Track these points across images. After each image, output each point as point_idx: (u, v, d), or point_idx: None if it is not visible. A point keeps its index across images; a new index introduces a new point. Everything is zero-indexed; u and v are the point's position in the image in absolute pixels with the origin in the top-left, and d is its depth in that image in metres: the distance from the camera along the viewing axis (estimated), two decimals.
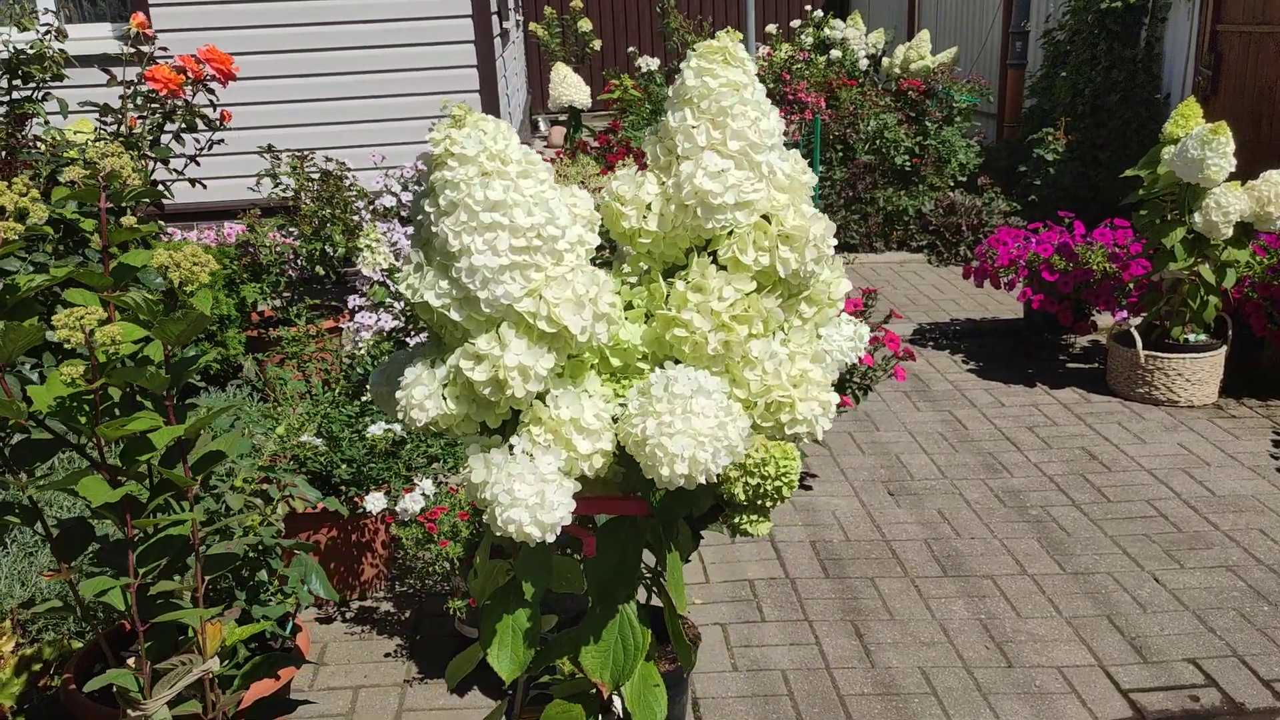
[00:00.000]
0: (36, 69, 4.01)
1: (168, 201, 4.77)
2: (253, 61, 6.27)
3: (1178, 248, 4.47)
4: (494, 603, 1.49)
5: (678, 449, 1.22)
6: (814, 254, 1.30)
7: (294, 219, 4.58)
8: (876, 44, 10.67)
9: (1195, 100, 4.56)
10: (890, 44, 10.82)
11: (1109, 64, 7.51)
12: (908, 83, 8.19)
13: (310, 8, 6.28)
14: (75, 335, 1.46)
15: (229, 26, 6.23)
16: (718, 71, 1.30)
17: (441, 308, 1.24)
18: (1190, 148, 4.28)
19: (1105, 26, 7.53)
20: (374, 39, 6.36)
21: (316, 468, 2.97)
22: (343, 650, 3.08)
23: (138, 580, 1.70)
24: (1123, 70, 7.47)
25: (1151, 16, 7.48)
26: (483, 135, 1.21)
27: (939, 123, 8.05)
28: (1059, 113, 7.82)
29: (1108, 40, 7.53)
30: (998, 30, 10.02)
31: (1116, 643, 3.04)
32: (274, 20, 6.27)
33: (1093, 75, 7.59)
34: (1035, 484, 4.03)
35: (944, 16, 11.58)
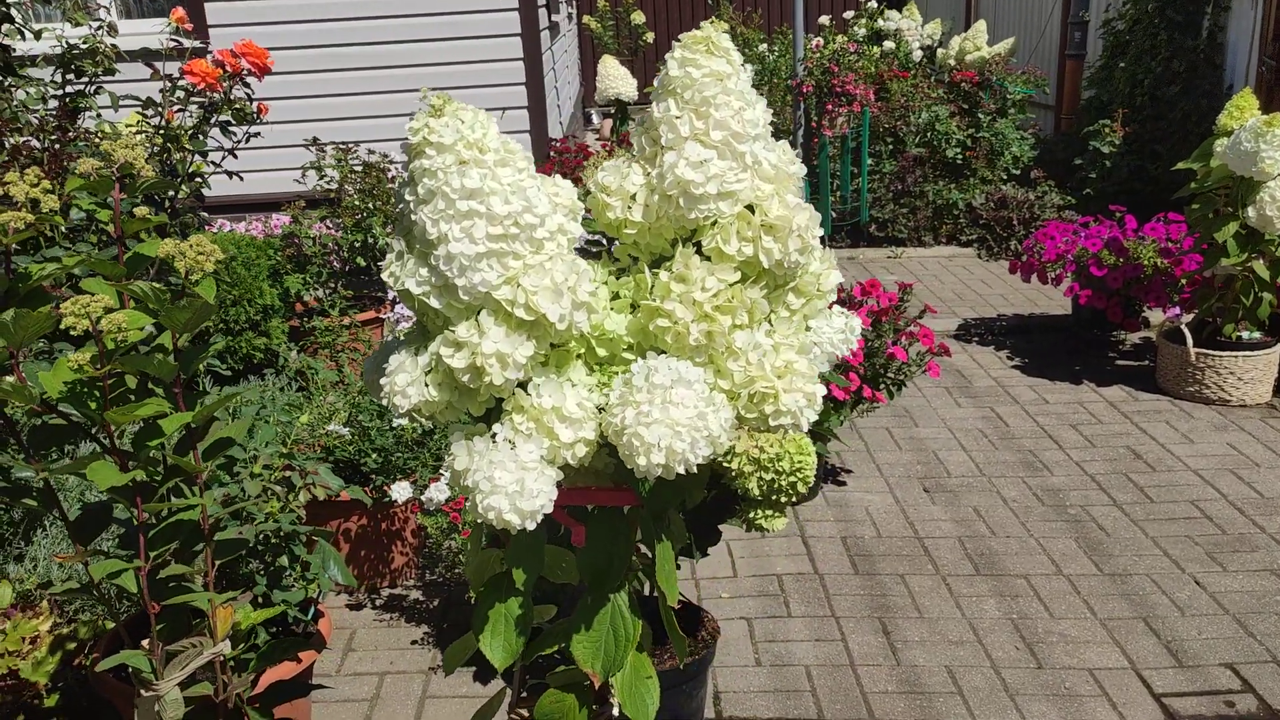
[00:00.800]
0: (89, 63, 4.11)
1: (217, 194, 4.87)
2: (300, 56, 6.38)
3: (1230, 243, 4.35)
4: (487, 590, 1.50)
5: (654, 438, 1.22)
6: (798, 244, 1.29)
7: (336, 211, 4.64)
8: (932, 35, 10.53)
9: (1251, 91, 4.43)
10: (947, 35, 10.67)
11: (1169, 54, 7.33)
12: (961, 74, 8.07)
13: (357, 2, 6.36)
14: (81, 323, 1.50)
15: (278, 21, 6.34)
16: (701, 61, 1.29)
17: (421, 295, 1.25)
18: (1244, 140, 4.16)
19: (1166, 16, 7.35)
20: (419, 33, 6.43)
21: (345, 456, 3.01)
22: (371, 636, 3.12)
23: (149, 564, 1.73)
24: (1184, 61, 7.28)
25: (1214, 5, 7.28)
26: (460, 124, 1.22)
27: (992, 115, 7.92)
28: (1117, 104, 7.65)
29: (1168, 30, 7.35)
30: (1057, 20, 9.83)
31: (1151, 645, 2.97)
32: (321, 15, 6.36)
33: (1152, 66, 7.41)
34: (1076, 483, 3.95)
35: (1002, 6, 11.39)
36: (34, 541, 2.89)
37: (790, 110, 7.63)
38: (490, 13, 6.47)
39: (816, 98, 7.13)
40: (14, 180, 1.57)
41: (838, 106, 6.92)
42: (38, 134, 3.30)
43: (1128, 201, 6.87)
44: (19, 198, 1.56)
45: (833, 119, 6.87)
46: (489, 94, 6.59)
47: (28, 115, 3.65)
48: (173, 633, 1.85)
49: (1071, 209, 7.30)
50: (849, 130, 7.02)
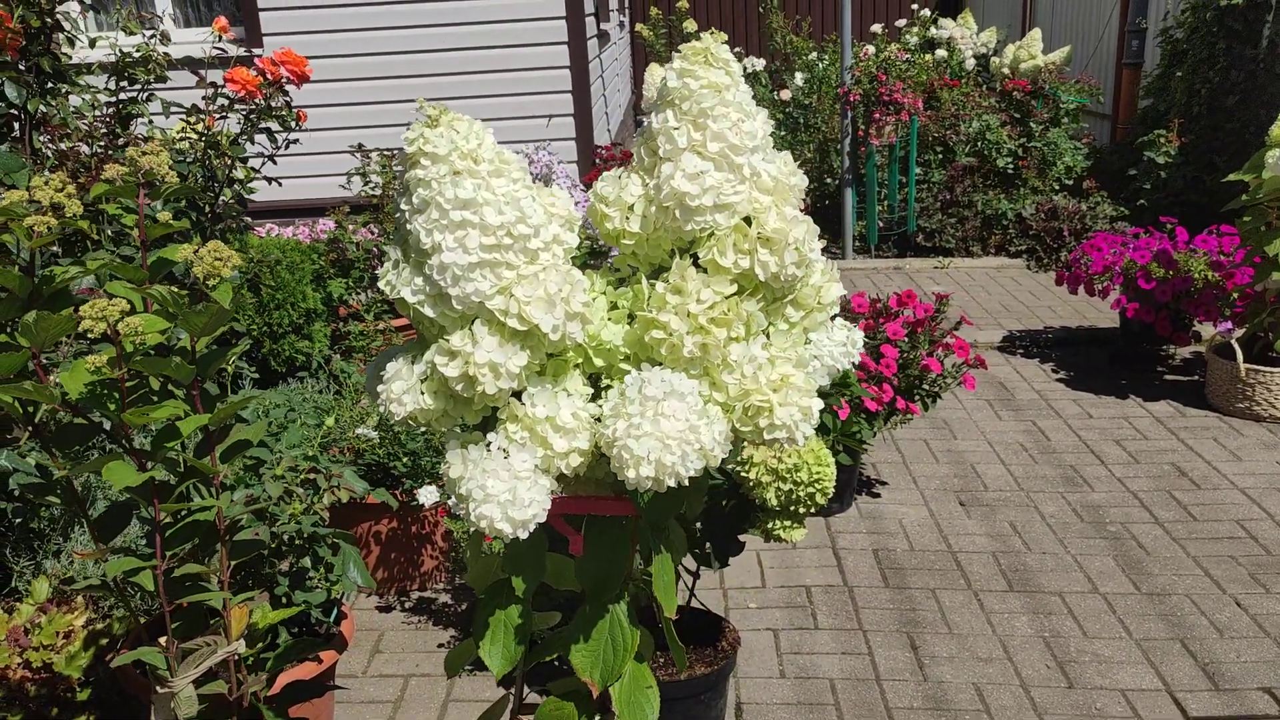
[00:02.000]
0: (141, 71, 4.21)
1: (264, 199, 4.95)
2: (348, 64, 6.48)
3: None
4: (488, 597, 1.51)
5: (643, 451, 1.22)
6: (794, 257, 1.28)
7: (380, 216, 4.70)
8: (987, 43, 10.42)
9: None
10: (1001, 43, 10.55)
11: (1228, 63, 7.18)
12: (1012, 83, 7.97)
13: (405, 10, 6.44)
14: (99, 326, 1.53)
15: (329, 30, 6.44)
16: (699, 73, 1.29)
17: (416, 304, 1.26)
18: None
19: (1225, 24, 7.20)
20: (466, 40, 6.49)
21: (375, 459, 3.05)
22: (398, 639, 3.15)
23: (165, 563, 1.77)
24: (1242, 70, 7.13)
25: (1275, 14, 7.12)
26: (455, 134, 1.23)
27: (1045, 124, 7.81)
28: (1173, 114, 7.51)
29: (1227, 39, 7.20)
30: (1114, 28, 9.67)
31: (1187, 668, 2.91)
32: (370, 24, 6.46)
33: (1210, 75, 7.27)
34: (1117, 499, 3.88)
35: (1059, 15, 11.23)
36: (72, 538, 2.96)
37: (839, 119, 7.58)
38: (537, 21, 6.51)
39: (864, 106, 7.08)
40: (39, 184, 1.62)
41: (885, 115, 6.87)
42: (87, 140, 3.38)
43: (1182, 213, 6.74)
44: (44, 201, 1.61)
45: (880, 128, 6.82)
46: (535, 101, 6.64)
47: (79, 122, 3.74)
48: (189, 631, 1.88)
49: (1124, 220, 7.17)
50: (897, 139, 6.96)
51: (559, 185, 5.87)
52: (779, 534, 2.28)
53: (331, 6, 6.49)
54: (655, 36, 12.78)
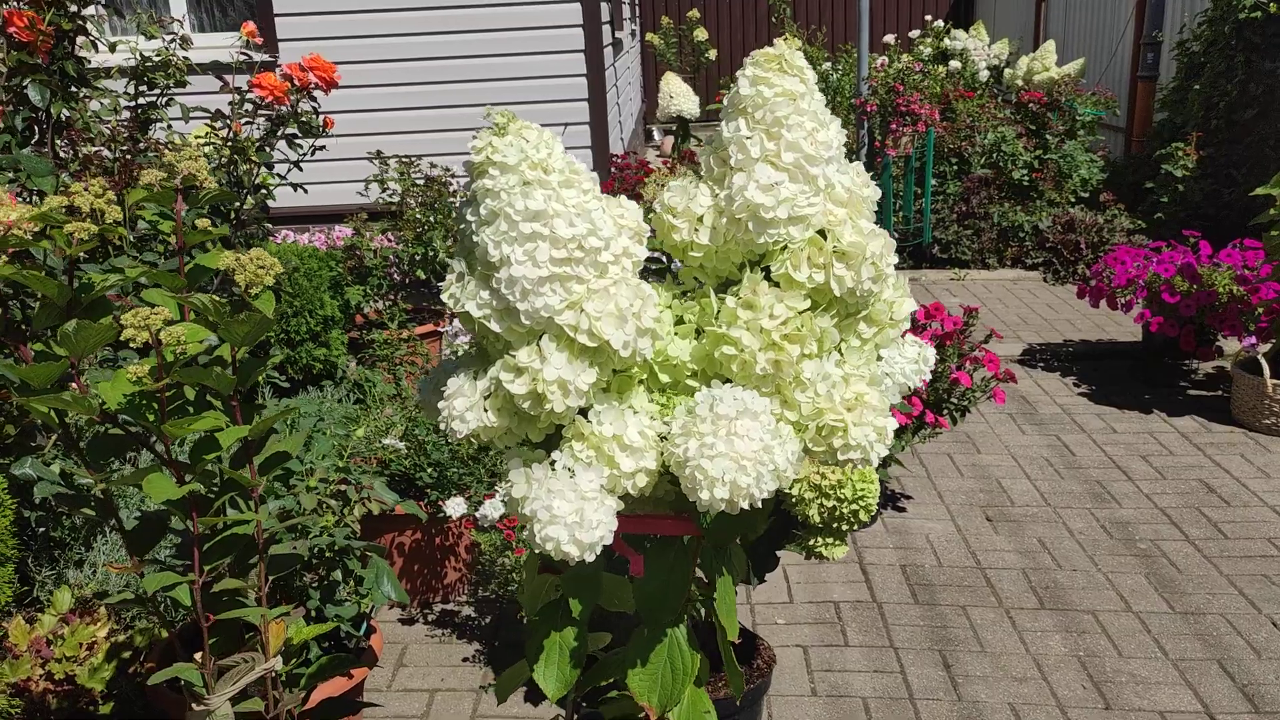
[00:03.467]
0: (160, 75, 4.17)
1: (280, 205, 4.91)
2: (364, 70, 6.45)
3: None
4: (542, 619, 1.46)
5: (718, 472, 1.18)
6: (871, 272, 1.24)
7: (398, 224, 4.67)
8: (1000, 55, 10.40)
9: None
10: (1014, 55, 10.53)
11: (1246, 76, 7.14)
12: (1028, 95, 7.94)
13: (421, 17, 6.41)
14: (141, 335, 1.49)
15: (345, 36, 6.41)
16: (773, 80, 1.25)
17: (481, 318, 1.22)
18: None
19: (1243, 37, 7.16)
20: (483, 48, 6.46)
21: (400, 470, 3.00)
22: (422, 652, 3.10)
23: (203, 577, 1.73)
24: (1261, 84, 7.09)
25: None
26: (524, 144, 1.19)
27: (1060, 136, 7.77)
28: (1190, 127, 7.47)
29: (1245, 52, 7.16)
30: (1128, 41, 9.65)
31: (1226, 689, 2.86)
32: (387, 30, 6.43)
33: (1228, 88, 7.23)
34: (1146, 516, 3.83)
35: (1072, 27, 11.21)
36: (94, 548, 2.92)
37: (854, 129, 7.55)
38: (554, 29, 6.49)
39: (880, 117, 7.05)
40: (79, 190, 1.58)
41: (902, 126, 6.83)
42: (109, 144, 3.35)
43: (1200, 226, 6.69)
44: (83, 208, 1.57)
45: (896, 139, 6.78)
46: (551, 109, 6.61)
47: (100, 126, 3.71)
48: (225, 646, 1.84)
49: (1141, 233, 7.14)
50: (913, 150, 6.93)
51: None
52: (820, 551, 2.23)
53: (348, 12, 6.46)
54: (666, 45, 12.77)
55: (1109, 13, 10.26)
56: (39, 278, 1.51)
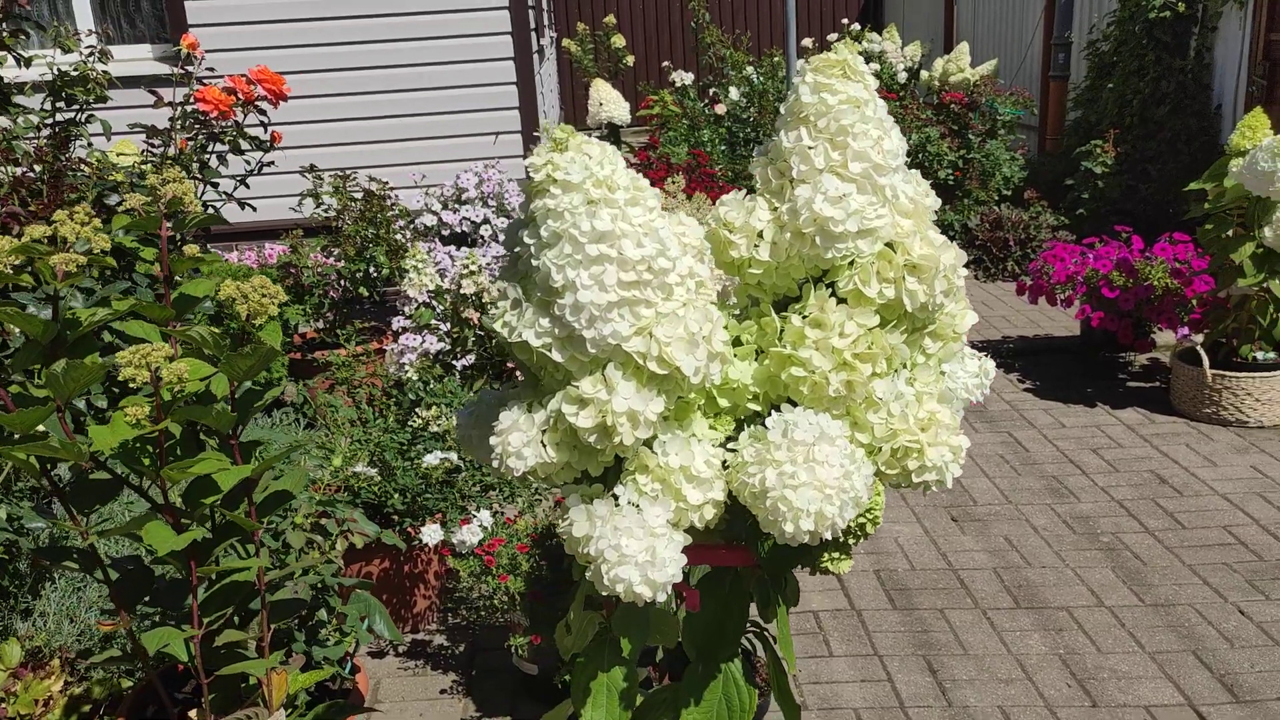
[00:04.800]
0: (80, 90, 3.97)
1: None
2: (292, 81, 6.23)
3: (1247, 264, 4.32)
4: (587, 659, 1.39)
5: (803, 503, 1.11)
6: (944, 285, 1.20)
7: (337, 239, 4.51)
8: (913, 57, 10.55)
9: (1262, 110, 4.41)
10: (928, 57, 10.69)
11: (1158, 75, 7.34)
12: (950, 96, 8.06)
13: (350, 26, 6.24)
14: (141, 374, 1.37)
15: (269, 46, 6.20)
16: (837, 87, 1.19)
17: (542, 348, 1.14)
18: (1260, 160, 4.13)
19: (1154, 37, 7.37)
20: (414, 57, 6.32)
21: (369, 498, 2.88)
22: (397, 687, 2.98)
23: (203, 629, 1.60)
24: (1172, 81, 7.30)
25: (1201, 26, 7.32)
26: (588, 160, 1.11)
27: (982, 136, 7.91)
28: (1105, 125, 7.66)
29: (1156, 50, 7.37)
30: (1038, 42, 9.87)
31: (1205, 680, 2.89)
32: (313, 40, 6.23)
33: (1140, 86, 7.43)
34: (1104, 509, 3.88)
35: (982, 28, 11.44)
36: (42, 595, 2.74)
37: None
38: (484, 36, 6.37)
39: None
40: (62, 219, 1.45)
41: None
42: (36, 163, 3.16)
43: (1120, 221, 6.86)
44: (69, 238, 1.44)
45: None
46: (483, 118, 6.50)
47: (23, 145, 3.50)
48: (224, 703, 1.71)
49: (1065, 229, 7.29)
50: None
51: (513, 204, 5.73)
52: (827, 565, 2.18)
53: (265, 23, 6.25)
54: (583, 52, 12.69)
55: (1017, 14, 10.50)
56: (22, 315, 1.38)
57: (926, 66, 10.12)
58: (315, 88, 6.27)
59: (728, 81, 9.79)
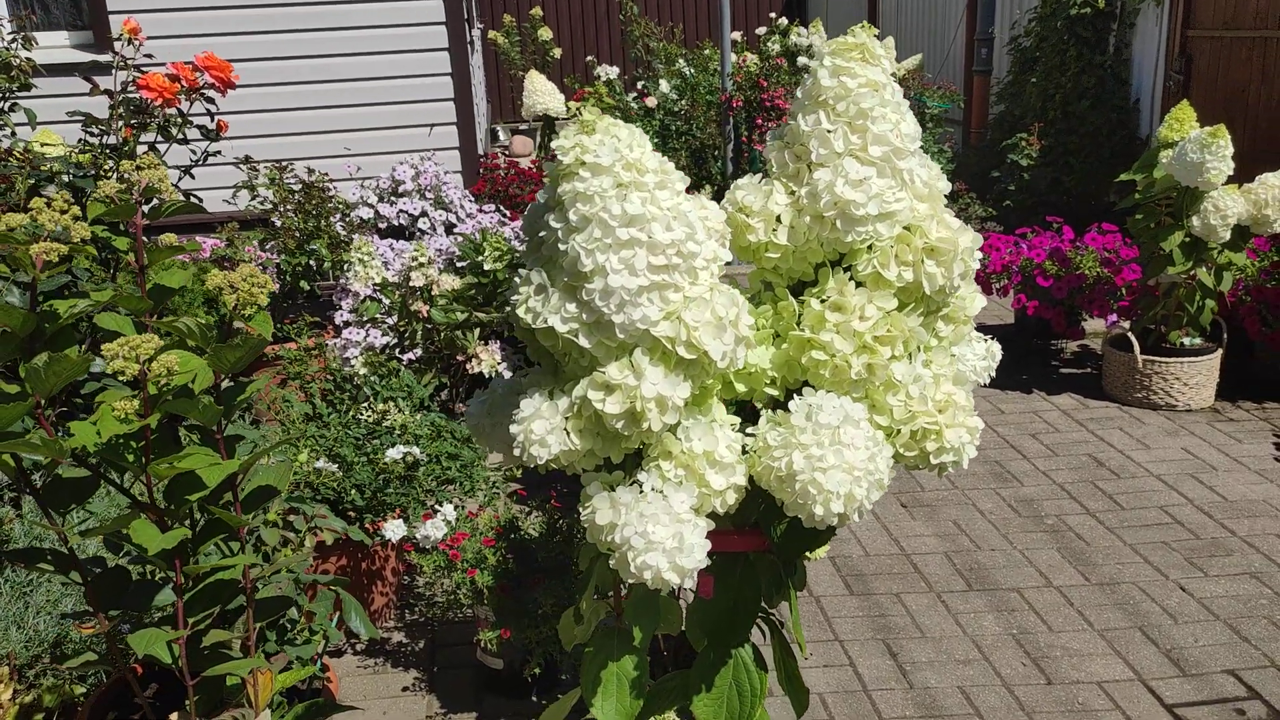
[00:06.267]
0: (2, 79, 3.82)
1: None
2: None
3: (1176, 252, 4.45)
4: (596, 649, 1.37)
5: (834, 486, 1.12)
6: (961, 268, 1.21)
7: (276, 232, 4.41)
8: None
9: (1188, 104, 4.55)
10: None
11: (1079, 69, 7.54)
12: None
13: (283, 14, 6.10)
14: (130, 367, 1.32)
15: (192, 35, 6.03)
16: (856, 70, 1.20)
17: (569, 333, 1.12)
18: (1189, 151, 4.26)
19: (1075, 33, 7.56)
20: (347, 46, 6.20)
21: (328, 494, 2.82)
22: (358, 685, 2.93)
23: (189, 630, 1.55)
24: (1093, 76, 7.50)
25: (1120, 23, 7.53)
26: (617, 142, 1.10)
27: None
28: (1030, 118, 7.84)
29: (1077, 46, 7.56)
30: (961, 37, 10.07)
31: (1153, 655, 2.98)
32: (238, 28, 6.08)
33: (1063, 81, 7.62)
34: (1047, 492, 3.98)
35: (905, 24, 11.63)
36: None
37: (715, 125, 7.61)
38: (417, 25, 6.28)
39: (746, 113, 7.12)
40: (40, 207, 1.39)
41: (767, 121, 6.92)
42: None
43: (1046, 212, 7.03)
44: (48, 226, 1.38)
45: (762, 133, 6.86)
46: (418, 109, 6.41)
47: None
48: (207, 704, 1.66)
49: (992, 220, 7.45)
50: None
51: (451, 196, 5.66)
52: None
53: (188, 10, 6.07)
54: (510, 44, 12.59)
55: (940, 9, 10.69)
56: (1, 308, 1.31)
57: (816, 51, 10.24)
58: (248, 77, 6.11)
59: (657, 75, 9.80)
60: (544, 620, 2.62)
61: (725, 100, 7.02)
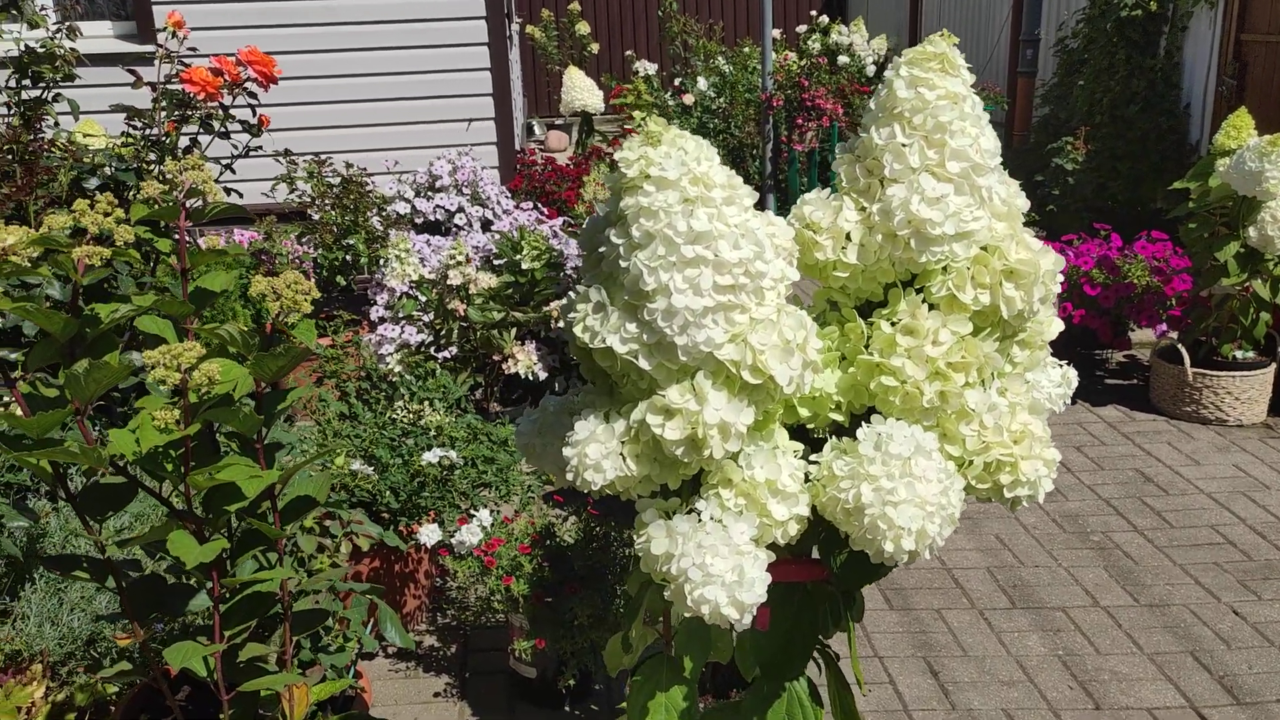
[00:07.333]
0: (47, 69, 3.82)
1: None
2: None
3: (1231, 263, 4.34)
4: (644, 678, 1.32)
5: (905, 521, 1.06)
6: (1041, 292, 1.14)
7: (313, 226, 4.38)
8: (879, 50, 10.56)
9: (1245, 111, 4.44)
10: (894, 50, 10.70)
11: (1128, 73, 7.39)
12: None
13: (322, 7, 6.09)
14: (171, 376, 1.28)
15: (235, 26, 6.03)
16: (935, 81, 1.13)
17: (628, 354, 1.06)
18: (1247, 160, 4.15)
19: (1125, 35, 7.42)
20: (389, 40, 6.18)
21: (363, 497, 2.79)
22: (389, 690, 2.89)
23: (225, 644, 1.52)
24: (1142, 79, 7.35)
25: (1172, 25, 7.38)
26: (684, 155, 1.04)
27: None
28: (1076, 122, 7.70)
29: (1127, 49, 7.42)
30: (1006, 38, 9.92)
31: (1205, 681, 2.89)
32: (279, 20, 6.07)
33: (1111, 84, 7.47)
34: (1092, 508, 3.89)
35: (947, 23, 11.48)
36: (21, 597, 2.61)
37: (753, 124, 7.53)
38: (457, 20, 6.25)
39: (786, 112, 7.04)
40: (83, 209, 1.35)
41: (808, 121, 6.84)
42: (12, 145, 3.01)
43: (1091, 218, 6.90)
44: (91, 230, 1.34)
45: (802, 133, 6.78)
46: (456, 104, 6.38)
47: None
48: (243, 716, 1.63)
49: (1036, 225, 7.32)
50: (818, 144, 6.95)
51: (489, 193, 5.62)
52: None
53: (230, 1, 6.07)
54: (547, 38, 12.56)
55: (983, 10, 10.55)
56: (44, 312, 1.28)
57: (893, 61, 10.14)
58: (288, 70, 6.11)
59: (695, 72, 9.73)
60: (579, 631, 2.57)
61: (765, 99, 6.94)
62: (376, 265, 4.55)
